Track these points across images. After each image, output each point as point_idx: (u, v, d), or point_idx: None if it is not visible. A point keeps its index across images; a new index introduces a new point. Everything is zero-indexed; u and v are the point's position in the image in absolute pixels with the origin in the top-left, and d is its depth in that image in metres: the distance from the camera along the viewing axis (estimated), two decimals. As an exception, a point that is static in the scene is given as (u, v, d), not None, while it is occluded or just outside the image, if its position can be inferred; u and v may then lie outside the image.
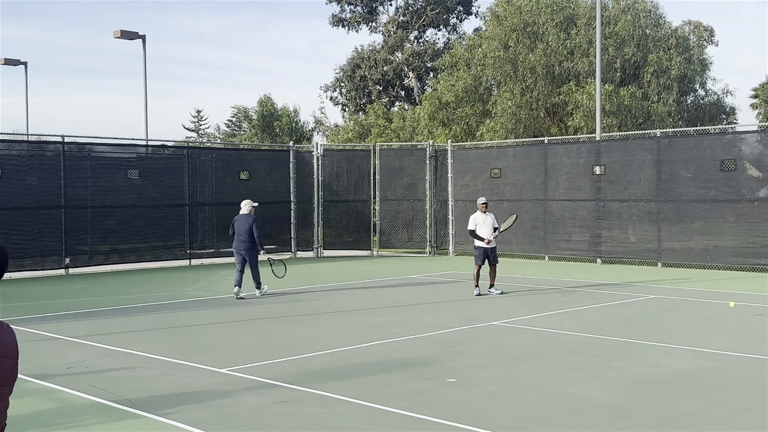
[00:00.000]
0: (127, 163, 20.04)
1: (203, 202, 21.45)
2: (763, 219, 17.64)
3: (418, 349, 9.37)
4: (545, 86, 27.76)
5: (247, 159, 22.98)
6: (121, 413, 6.70)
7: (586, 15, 27.40)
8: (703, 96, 30.12)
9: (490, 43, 28.86)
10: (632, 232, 19.88)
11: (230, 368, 8.32)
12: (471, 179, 22.81)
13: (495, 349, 9.28)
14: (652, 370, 8.13)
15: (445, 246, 23.31)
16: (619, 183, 19.77)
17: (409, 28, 41.72)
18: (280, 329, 10.87)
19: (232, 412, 6.70)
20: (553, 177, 21.03)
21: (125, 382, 7.78)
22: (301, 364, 8.55)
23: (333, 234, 23.64)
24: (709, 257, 18.37)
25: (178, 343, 9.89)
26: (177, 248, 20.80)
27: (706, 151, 18.49)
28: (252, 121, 41.34)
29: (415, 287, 15.72)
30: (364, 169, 23.66)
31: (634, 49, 27.20)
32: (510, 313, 12.07)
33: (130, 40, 26.45)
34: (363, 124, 36.22)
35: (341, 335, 10.33)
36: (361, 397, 7.08)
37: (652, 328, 10.75)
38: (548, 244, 21.13)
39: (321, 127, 44.08)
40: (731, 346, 9.30)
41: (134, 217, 19.87)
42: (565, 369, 8.24)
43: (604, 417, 6.49)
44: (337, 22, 42.74)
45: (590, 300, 13.47)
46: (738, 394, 7.18)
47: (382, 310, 12.63)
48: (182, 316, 12.05)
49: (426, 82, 40.84)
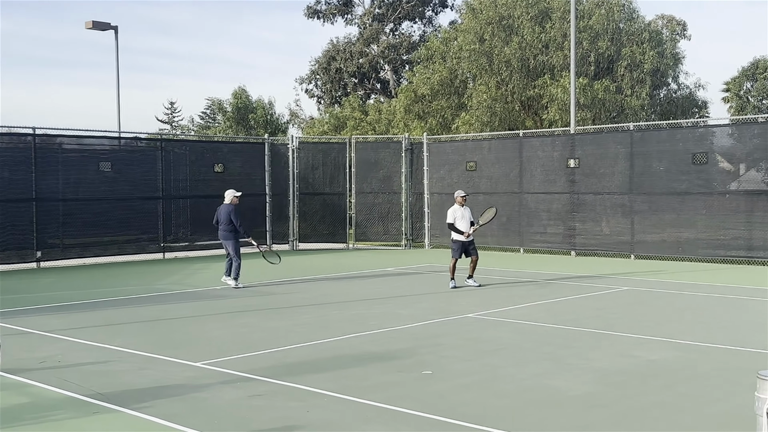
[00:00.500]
0: (99, 156, 19.83)
1: (177, 195, 21.28)
2: (734, 211, 17.88)
3: (393, 341, 9.39)
4: (520, 79, 27.87)
5: (222, 151, 22.85)
6: (95, 407, 6.65)
7: (561, 9, 27.52)
8: (676, 90, 30.43)
9: (465, 36, 28.89)
10: (606, 224, 20.06)
11: (205, 362, 8.28)
12: (447, 172, 22.87)
13: (470, 341, 9.32)
14: (625, 361, 8.22)
15: (421, 239, 23.36)
16: (593, 176, 19.93)
17: (385, 20, 41.66)
18: (254, 322, 10.83)
19: (207, 405, 6.68)
20: (528, 170, 21.15)
21: (98, 376, 7.72)
22: (276, 358, 8.54)
23: (308, 227, 23.60)
24: (681, 249, 18.60)
25: (152, 337, 9.83)
26: (150, 241, 20.63)
27: (679, 144, 18.69)
28: (226, 114, 41.08)
29: (390, 280, 15.74)
30: (340, 161, 23.62)
31: (608, 43, 27.38)
32: (485, 305, 12.13)
33: (102, 31, 26.15)
34: (338, 116, 36.14)
35: (317, 328, 10.33)
36: (336, 389, 7.09)
37: (624, 319, 10.87)
38: (523, 237, 21.25)
39: (296, 119, 43.95)
40: (702, 337, 9.43)
41: (107, 210, 19.68)
42: (539, 360, 8.31)
43: (577, 407, 6.56)
44: (312, 14, 42.59)
45: (564, 292, 13.58)
46: (709, 384, 7.28)
47: (358, 302, 12.63)
48: (156, 310, 11.97)
49: (402, 75, 40.83)
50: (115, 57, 26.26)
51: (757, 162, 18.16)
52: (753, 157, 18.19)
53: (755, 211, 17.53)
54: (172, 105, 67.24)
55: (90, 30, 25.87)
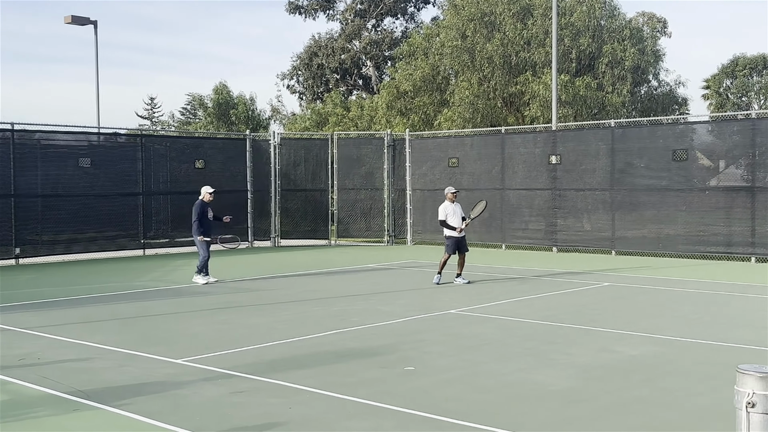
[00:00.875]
0: (78, 152, 19.65)
1: (157, 191, 21.14)
2: (714, 208, 18.03)
3: (376, 337, 9.39)
4: (502, 76, 27.93)
5: (203, 147, 22.72)
6: (75, 405, 6.59)
7: (543, 6, 27.60)
8: (656, 87, 30.62)
9: (447, 32, 28.91)
10: (587, 220, 20.16)
11: (186, 359, 8.23)
12: (429, 168, 22.89)
13: (452, 337, 9.33)
14: (606, 356, 8.26)
15: (403, 235, 23.37)
16: (575, 172, 20.02)
17: (367, 16, 41.60)
18: (236, 319, 10.78)
19: (188, 402, 6.63)
20: (510, 166, 21.21)
21: (78, 373, 7.65)
22: (258, 354, 8.50)
23: (290, 223, 23.53)
24: (661, 245, 18.73)
25: (133, 334, 9.75)
26: (131, 238, 20.49)
27: (659, 141, 18.81)
28: (207, 109, 40.87)
29: (372, 276, 15.73)
30: (322, 158, 23.56)
31: (589, 40, 27.49)
32: (467, 301, 12.15)
33: (81, 26, 25.92)
34: (320, 112, 36.06)
35: (299, 324, 10.30)
36: (319, 386, 7.07)
37: (606, 315, 10.92)
38: (505, 233, 21.31)
39: (278, 115, 43.81)
40: (683, 332, 9.50)
41: (86, 206, 19.52)
42: (521, 356, 8.33)
43: (559, 402, 6.58)
44: (294, 10, 42.44)
45: (546, 288, 13.63)
46: (689, 379, 7.33)
47: (340, 299, 12.61)
48: (136, 307, 11.88)
49: (384, 71, 40.80)
50: (95, 52, 26.05)
51: (736, 159, 18.32)
52: (732, 154, 18.35)
53: (734, 208, 17.69)
54: (152, 100, 66.83)
55: (69, 25, 25.66)
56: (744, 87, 48.78)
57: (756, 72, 48.87)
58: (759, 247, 17.32)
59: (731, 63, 49.31)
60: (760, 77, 48.78)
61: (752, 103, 48.46)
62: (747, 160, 17.76)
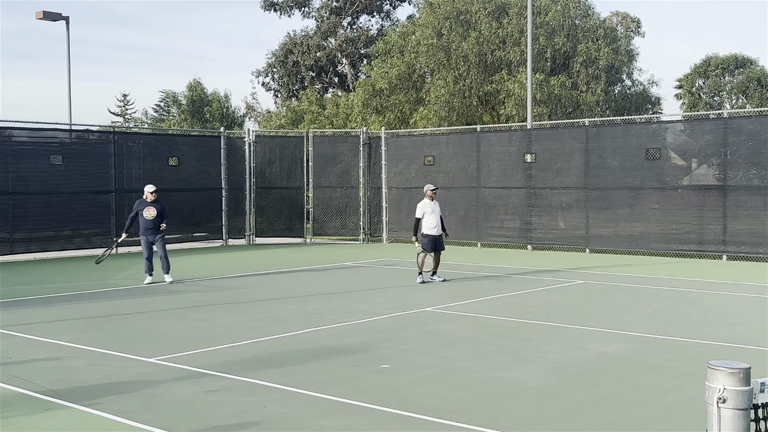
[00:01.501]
0: (50, 149, 19.41)
1: (130, 188, 20.91)
2: (686, 206, 18.23)
3: (351, 335, 9.37)
4: (478, 74, 28.02)
5: (177, 145, 22.55)
6: (46, 404, 6.51)
7: (518, 5, 27.73)
8: (630, 86, 30.90)
9: (423, 30, 28.95)
10: (561, 219, 20.29)
11: (159, 358, 8.17)
12: (405, 166, 22.90)
13: (427, 335, 9.35)
14: (580, 353, 8.32)
15: (379, 233, 23.37)
16: (549, 171, 20.14)
17: (343, 14, 41.51)
18: (210, 317, 10.72)
19: (162, 401, 6.58)
20: (486, 165, 21.28)
21: (50, 372, 7.56)
22: (233, 353, 8.45)
23: (265, 221, 23.43)
24: (634, 243, 18.90)
25: (105, 332, 9.66)
26: (103, 236, 20.25)
27: (633, 139, 18.98)
28: (181, 106, 40.59)
29: (348, 274, 15.70)
30: (297, 155, 23.49)
31: (564, 39, 27.67)
32: (442, 299, 12.17)
33: (53, 22, 25.62)
34: (296, 110, 35.93)
35: (274, 323, 10.26)
36: (293, 384, 7.04)
37: (579, 312, 11.00)
38: (480, 231, 21.39)
39: (253, 113, 43.58)
40: (655, 329, 9.59)
41: (58, 204, 19.29)
42: (496, 353, 8.36)
43: (532, 399, 6.61)
44: (269, 7, 42.22)
45: (521, 286, 13.70)
46: (661, 376, 7.40)
47: (316, 297, 12.58)
48: (109, 305, 11.77)
49: (359, 69, 40.73)
50: (67, 48, 25.75)
51: (708, 158, 18.53)
52: (704, 153, 18.56)
53: (706, 206, 17.89)
54: (125, 97, 66.08)
55: (41, 20, 25.33)
56: (716, 87, 49.39)
57: (728, 72, 49.52)
58: (730, 245, 17.54)
59: (704, 63, 49.89)
60: (732, 77, 49.43)
61: (724, 103, 49.09)
62: (719, 160, 17.97)
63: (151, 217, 14.17)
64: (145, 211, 14.18)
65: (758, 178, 17.39)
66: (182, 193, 21.88)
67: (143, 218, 14.17)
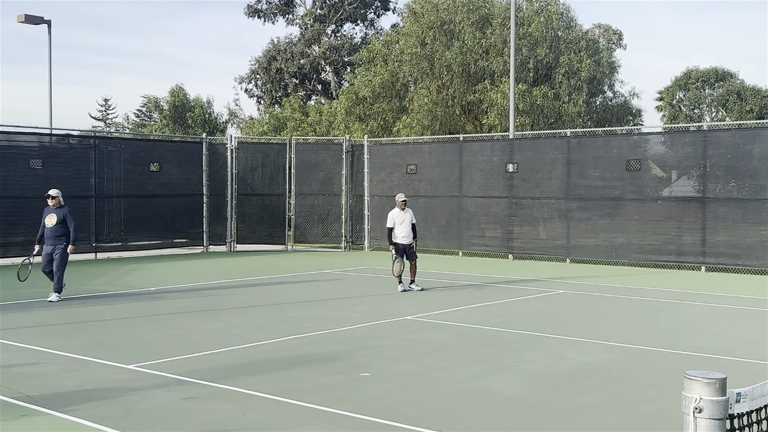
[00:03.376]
0: (29, 153, 19.23)
1: (110, 194, 20.80)
2: (666, 217, 18.38)
3: (331, 343, 9.35)
4: (461, 84, 28.14)
5: (158, 150, 22.42)
6: (23, 410, 6.44)
7: (501, 15, 27.90)
8: (611, 97, 31.17)
9: (407, 39, 29.05)
10: (543, 228, 20.38)
11: (137, 364, 8.11)
12: (387, 175, 22.93)
13: (408, 343, 9.34)
14: (559, 363, 8.35)
15: (361, 241, 23.36)
16: (531, 181, 20.23)
17: (327, 21, 41.56)
18: (190, 324, 10.65)
19: (140, 408, 6.53)
20: (468, 174, 21.35)
21: (26, 378, 7.48)
22: (212, 360, 8.41)
23: (247, 228, 23.34)
24: (614, 254, 19.01)
25: (83, 338, 9.57)
26: (82, 241, 20.06)
27: (613, 151, 19.12)
28: (163, 112, 40.45)
29: (329, 282, 15.68)
30: (280, 162, 23.45)
31: (547, 50, 27.86)
32: (423, 307, 12.18)
33: (35, 25, 25.46)
34: (279, 117, 35.91)
35: (254, 330, 10.21)
36: (273, 392, 7.01)
37: (559, 322, 11.05)
38: (462, 240, 21.43)
39: (235, 119, 43.50)
40: (633, 339, 9.64)
41: (36, 209, 18.98)
42: (476, 362, 8.38)
43: (512, 408, 6.63)
44: (252, 13, 42.21)
45: (501, 295, 13.73)
46: (639, 385, 7.44)
47: (296, 304, 12.55)
48: (87, 311, 11.67)
49: (343, 77, 40.78)
50: (48, 52, 25.59)
51: (688, 170, 18.70)
52: (684, 165, 18.73)
53: (686, 217, 18.04)
54: (106, 102, 65.77)
55: (22, 24, 25.17)
56: (696, 99, 49.88)
57: (708, 85, 50.05)
58: (709, 257, 17.68)
59: (684, 76, 50.40)
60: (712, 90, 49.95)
61: (704, 115, 49.58)
62: (698, 171, 18.14)
63: (51, 225, 12.77)
64: (46, 218, 12.89)
65: (737, 190, 17.57)
66: (163, 199, 21.78)
67: (44, 226, 12.84)
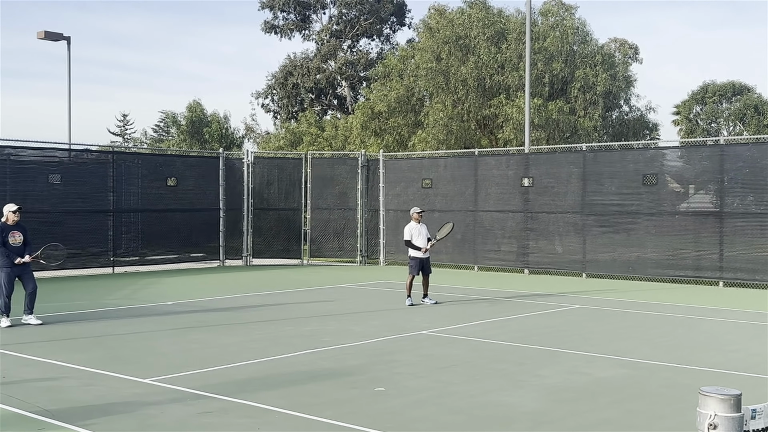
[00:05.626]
0: (49, 168, 19.42)
1: (128, 208, 20.96)
2: (683, 232, 18.26)
3: (347, 358, 9.36)
4: (476, 99, 28.18)
5: (175, 165, 22.59)
6: (40, 424, 6.49)
7: (517, 30, 27.95)
8: (628, 112, 31.08)
9: (422, 54, 29.15)
10: (559, 243, 20.30)
11: (154, 378, 8.15)
12: (402, 189, 22.96)
13: (423, 358, 9.33)
14: (575, 378, 8.31)
15: (376, 255, 23.36)
16: (547, 195, 20.18)
17: (343, 37, 41.80)
18: (206, 338, 10.69)
19: (156, 422, 6.56)
20: (483, 188, 21.34)
21: (44, 392, 7.54)
22: (228, 374, 8.44)
23: (263, 242, 23.43)
24: (631, 269, 18.90)
25: (100, 352, 9.63)
26: (100, 255, 20.26)
27: (630, 165, 19.04)
28: (180, 127, 40.71)
29: (345, 296, 15.69)
30: (296, 177, 23.54)
31: (562, 64, 27.86)
32: (439, 322, 12.16)
33: (54, 42, 25.77)
34: (295, 132, 36.07)
35: (269, 344, 10.24)
36: (288, 406, 7.03)
37: (575, 337, 10.99)
38: (477, 255, 21.39)
39: (252, 134, 43.74)
40: (650, 355, 9.58)
41: (56, 223, 19.23)
42: (491, 377, 8.35)
43: (527, 424, 6.60)
44: (269, 29, 42.54)
45: (517, 310, 13.69)
46: (656, 402, 7.39)
47: (312, 319, 12.56)
48: (104, 325, 11.74)
49: (359, 92, 40.95)
50: (67, 68, 25.88)
51: (705, 184, 18.59)
52: (702, 179, 18.62)
53: (703, 232, 17.92)
54: (124, 117, 66.34)
55: (42, 40, 25.48)
56: (713, 113, 49.61)
57: (725, 99, 49.78)
58: (727, 272, 17.55)
59: (701, 90, 50.16)
60: (729, 104, 49.68)
61: (721, 130, 49.30)
62: (716, 186, 18.04)
63: (18, 244, 11.69)
64: (10, 237, 11.62)
65: (755, 205, 17.45)
66: (180, 214, 21.93)
67: (11, 246, 11.60)
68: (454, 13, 29.41)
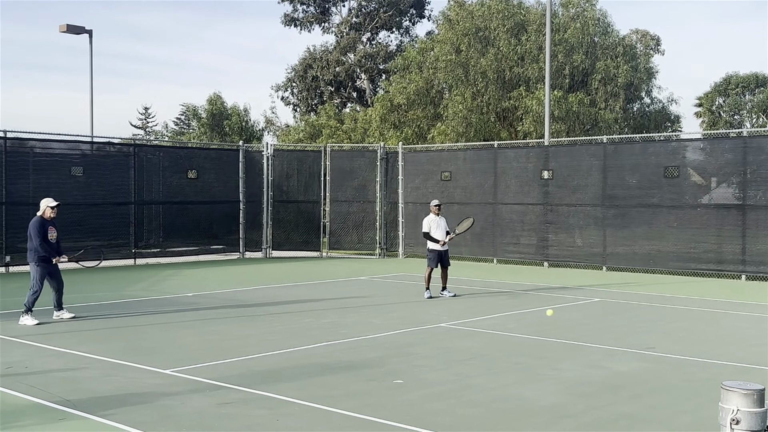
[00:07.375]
0: (71, 160, 19.61)
1: (150, 200, 21.12)
2: (705, 225, 18.09)
3: (365, 350, 9.37)
4: (496, 91, 28.06)
5: (196, 157, 22.70)
6: (61, 414, 6.55)
7: (537, 21, 27.77)
8: (649, 104, 30.81)
9: (442, 46, 29.06)
10: (579, 236, 20.19)
11: (174, 369, 8.20)
12: (422, 182, 22.92)
13: (442, 351, 9.32)
14: (594, 372, 8.26)
15: (395, 248, 23.36)
16: (567, 188, 20.07)
17: (362, 29, 41.75)
18: (226, 330, 10.75)
19: (176, 413, 6.61)
20: (503, 181, 21.25)
21: (65, 382, 7.61)
22: (247, 365, 8.48)
23: (282, 235, 23.50)
24: (652, 262, 18.76)
25: (120, 343, 9.71)
26: (121, 247, 20.42)
27: (651, 157, 18.88)
28: (201, 120, 40.90)
29: (363, 289, 15.71)
30: (315, 169, 23.58)
31: (583, 56, 27.66)
32: (457, 315, 12.14)
33: (76, 35, 25.95)
34: (314, 124, 36.12)
35: (288, 336, 10.27)
36: (306, 398, 7.05)
37: (595, 330, 10.93)
38: (497, 247, 21.33)
39: (271, 126, 43.86)
40: (671, 349, 9.51)
41: (78, 215, 19.42)
42: (510, 370, 8.33)
43: (546, 417, 6.58)
44: (289, 22, 42.57)
45: (536, 302, 13.63)
46: (677, 396, 7.33)
47: (330, 311, 12.59)
48: (125, 317, 11.84)
49: (378, 84, 40.90)
50: (89, 61, 26.07)
51: (728, 177, 18.39)
52: (724, 172, 18.42)
53: (725, 225, 17.75)
54: (146, 110, 66.81)
55: (64, 33, 25.68)
56: (736, 105, 49.08)
57: (748, 90, 49.22)
58: (749, 265, 17.37)
59: (724, 81, 49.63)
60: (752, 96, 49.11)
61: (744, 122, 48.76)
62: (738, 178, 17.83)
63: (54, 241, 11.51)
64: (49, 232, 11.45)
65: (778, 198, 17.23)
66: (201, 206, 22.05)
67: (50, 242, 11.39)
68: (474, 5, 29.27)
